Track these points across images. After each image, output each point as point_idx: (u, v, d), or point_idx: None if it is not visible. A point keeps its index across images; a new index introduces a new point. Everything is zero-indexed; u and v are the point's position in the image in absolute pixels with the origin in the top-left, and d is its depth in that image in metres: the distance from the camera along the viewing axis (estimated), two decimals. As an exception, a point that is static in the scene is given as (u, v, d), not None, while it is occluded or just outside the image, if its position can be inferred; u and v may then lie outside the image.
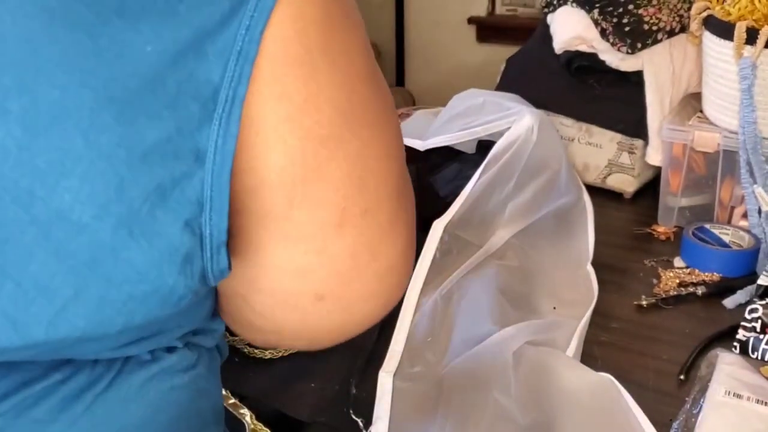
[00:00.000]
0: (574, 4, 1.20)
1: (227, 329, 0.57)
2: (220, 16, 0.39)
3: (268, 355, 0.77)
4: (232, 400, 0.72)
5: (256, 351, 0.78)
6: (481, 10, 2.38)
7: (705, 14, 1.06)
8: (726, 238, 1.02)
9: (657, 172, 1.18)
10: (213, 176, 0.40)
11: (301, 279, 0.45)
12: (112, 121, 0.38)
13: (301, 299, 0.47)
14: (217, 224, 0.41)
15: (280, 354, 0.78)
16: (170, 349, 0.48)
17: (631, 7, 1.15)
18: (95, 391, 0.44)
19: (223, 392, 0.73)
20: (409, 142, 1.13)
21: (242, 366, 0.78)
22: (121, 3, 0.38)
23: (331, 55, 0.42)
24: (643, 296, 0.94)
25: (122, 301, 0.40)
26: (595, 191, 1.18)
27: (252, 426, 0.70)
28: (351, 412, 0.73)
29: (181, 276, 0.41)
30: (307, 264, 0.45)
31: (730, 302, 0.93)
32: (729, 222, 1.07)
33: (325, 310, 0.47)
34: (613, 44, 1.17)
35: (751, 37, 0.97)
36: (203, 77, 0.39)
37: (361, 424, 0.72)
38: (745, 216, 1.04)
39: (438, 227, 0.86)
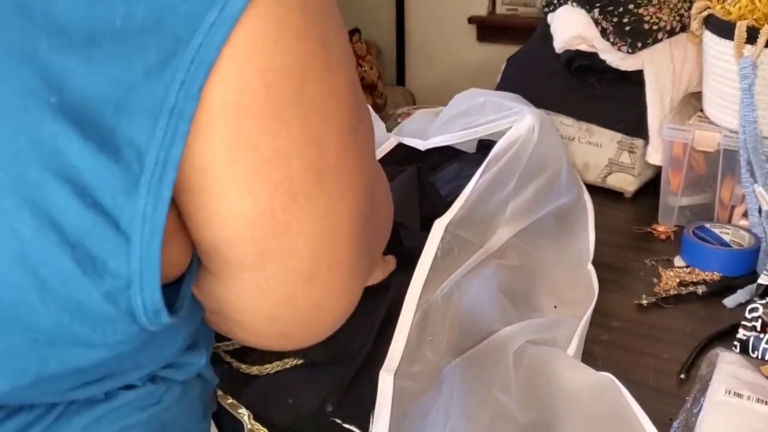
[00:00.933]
0: (575, 4, 1.20)
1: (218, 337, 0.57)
2: (144, 69, 0.35)
3: (255, 371, 0.76)
4: (230, 400, 0.72)
5: (242, 366, 0.77)
6: (481, 9, 2.38)
7: (705, 13, 1.06)
8: (726, 238, 1.02)
9: (657, 171, 1.18)
10: (141, 249, 0.36)
11: (269, 323, 0.46)
12: (11, 181, 0.34)
13: (266, 335, 0.48)
14: (149, 297, 0.38)
15: (267, 371, 0.76)
16: (129, 387, 0.45)
17: (631, 6, 1.15)
18: None
19: (220, 392, 0.73)
20: (409, 141, 1.13)
21: (229, 379, 0.76)
22: (32, 44, 0.34)
23: (304, 110, 0.39)
24: (644, 295, 0.94)
25: (27, 349, 0.37)
26: (595, 190, 1.18)
27: (250, 426, 0.70)
28: (339, 421, 0.73)
29: (95, 333, 0.38)
30: (275, 313, 0.45)
31: (730, 301, 0.93)
32: (729, 221, 1.07)
33: (284, 342, 0.49)
34: (613, 44, 1.17)
35: (752, 36, 0.97)
36: (125, 136, 0.35)
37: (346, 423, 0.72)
38: (745, 215, 1.04)
39: (439, 227, 0.86)
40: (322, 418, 0.73)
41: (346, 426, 0.72)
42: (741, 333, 0.84)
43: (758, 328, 0.83)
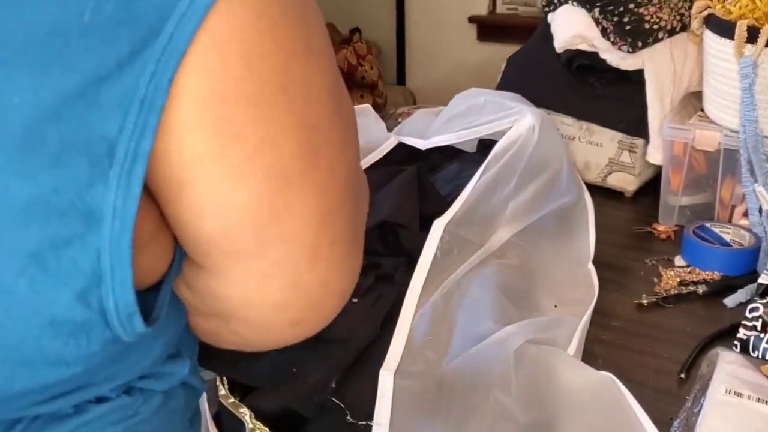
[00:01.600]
0: (575, 3, 1.20)
1: None
2: (116, 61, 0.34)
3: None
4: (232, 399, 0.72)
5: None
6: (481, 8, 2.38)
7: (706, 13, 1.06)
8: (727, 237, 1.02)
9: (658, 170, 1.18)
10: (111, 243, 0.36)
11: (280, 311, 0.45)
12: None
13: (277, 325, 0.47)
14: (122, 297, 0.37)
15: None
16: (101, 400, 0.44)
17: (631, 5, 1.15)
18: None
19: (222, 391, 0.73)
20: (410, 141, 1.13)
21: (241, 354, 0.77)
22: None
23: (289, 94, 0.39)
24: (644, 295, 0.94)
25: None
26: (595, 190, 1.18)
27: (251, 425, 0.70)
28: (334, 399, 0.73)
29: (68, 346, 0.37)
30: (285, 298, 0.44)
31: (730, 301, 0.93)
32: (730, 221, 1.07)
33: (297, 331, 0.48)
34: (613, 43, 1.17)
35: (752, 35, 0.97)
36: (96, 130, 0.34)
37: (348, 414, 0.72)
38: (745, 215, 1.04)
39: (439, 226, 0.87)
40: (324, 396, 0.73)
41: (348, 415, 0.72)
42: (741, 332, 0.84)
43: (759, 328, 0.83)
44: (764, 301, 0.85)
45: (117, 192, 0.35)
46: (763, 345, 0.82)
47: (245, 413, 0.71)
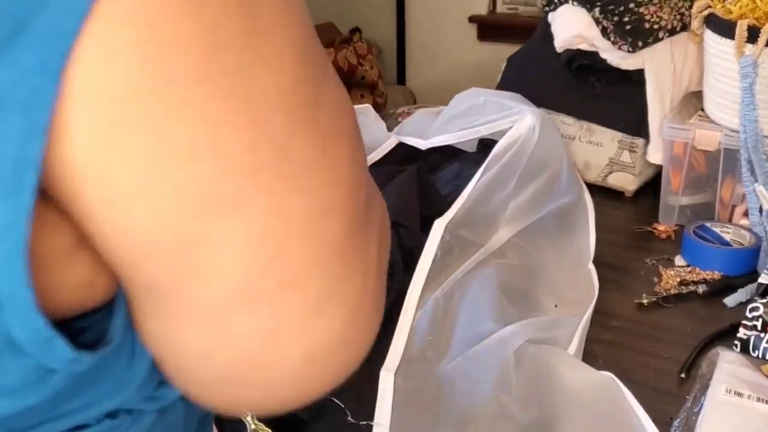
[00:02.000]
0: (575, 3, 1.20)
1: None
2: None
3: None
4: (234, 400, 0.72)
5: None
6: (482, 8, 2.39)
7: (706, 12, 1.06)
8: (727, 237, 1.02)
9: (658, 170, 1.18)
10: (4, 264, 0.30)
11: (205, 362, 0.36)
12: None
13: (209, 380, 0.38)
14: (28, 323, 0.31)
15: None
16: (81, 427, 0.38)
17: (632, 5, 1.15)
18: None
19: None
20: (410, 141, 1.13)
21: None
22: None
23: (217, 87, 0.30)
24: (644, 295, 0.94)
25: None
26: (595, 190, 1.18)
27: (254, 426, 0.70)
28: (334, 399, 0.73)
29: None
30: (209, 347, 0.35)
31: (730, 300, 0.93)
32: (730, 220, 1.07)
33: (241, 393, 0.39)
34: (614, 43, 1.17)
35: (752, 35, 0.97)
36: None
37: (349, 414, 0.72)
38: (746, 214, 1.04)
39: (439, 226, 0.87)
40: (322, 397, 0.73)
41: (348, 415, 0.72)
42: (741, 332, 0.84)
43: (759, 327, 0.83)
44: (764, 300, 0.85)
45: (3, 206, 0.29)
46: (764, 345, 0.82)
47: (247, 414, 0.71)
